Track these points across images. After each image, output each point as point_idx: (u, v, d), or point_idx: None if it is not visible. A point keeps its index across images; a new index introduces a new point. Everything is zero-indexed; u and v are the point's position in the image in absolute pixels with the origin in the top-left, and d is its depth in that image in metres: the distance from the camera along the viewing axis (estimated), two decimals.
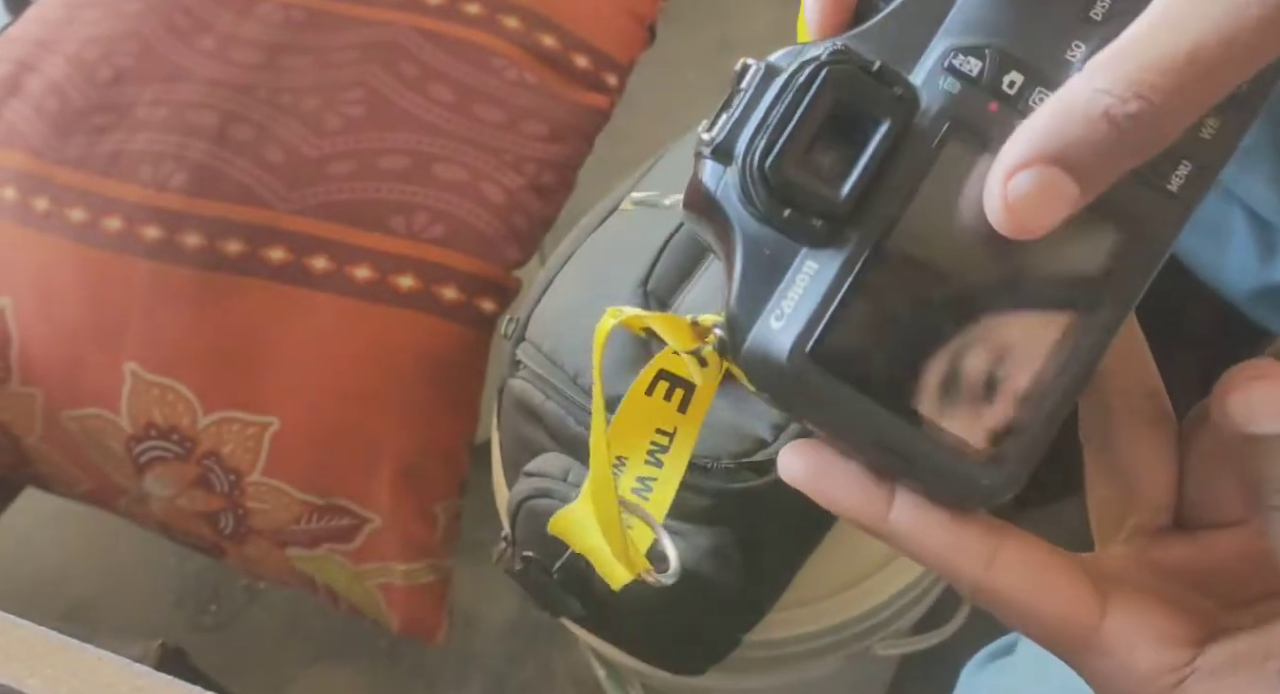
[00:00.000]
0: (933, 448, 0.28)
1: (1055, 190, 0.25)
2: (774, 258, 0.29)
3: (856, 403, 0.28)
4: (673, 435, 0.36)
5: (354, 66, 0.88)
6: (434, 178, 0.84)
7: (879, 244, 0.28)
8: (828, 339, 0.28)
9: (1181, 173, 0.28)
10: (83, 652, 0.44)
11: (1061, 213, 0.25)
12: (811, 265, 0.28)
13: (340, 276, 0.81)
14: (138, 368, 0.82)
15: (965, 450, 0.28)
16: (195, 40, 0.90)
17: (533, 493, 0.72)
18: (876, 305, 0.28)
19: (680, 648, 0.74)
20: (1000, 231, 0.25)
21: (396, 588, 0.85)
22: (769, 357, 0.28)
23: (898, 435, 0.28)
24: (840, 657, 0.78)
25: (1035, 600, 0.30)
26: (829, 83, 0.27)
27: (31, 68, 0.91)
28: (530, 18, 0.93)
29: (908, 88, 0.28)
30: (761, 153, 0.28)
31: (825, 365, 0.28)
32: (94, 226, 0.84)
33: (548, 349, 0.72)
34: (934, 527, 0.29)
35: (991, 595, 0.30)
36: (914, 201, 0.28)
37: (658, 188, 0.78)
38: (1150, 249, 0.29)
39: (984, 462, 0.28)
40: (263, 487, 0.82)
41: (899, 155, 0.28)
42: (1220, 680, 0.29)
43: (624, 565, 0.36)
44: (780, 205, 0.28)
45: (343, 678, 1.12)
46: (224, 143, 0.84)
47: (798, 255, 0.28)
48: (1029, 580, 0.30)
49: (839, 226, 0.28)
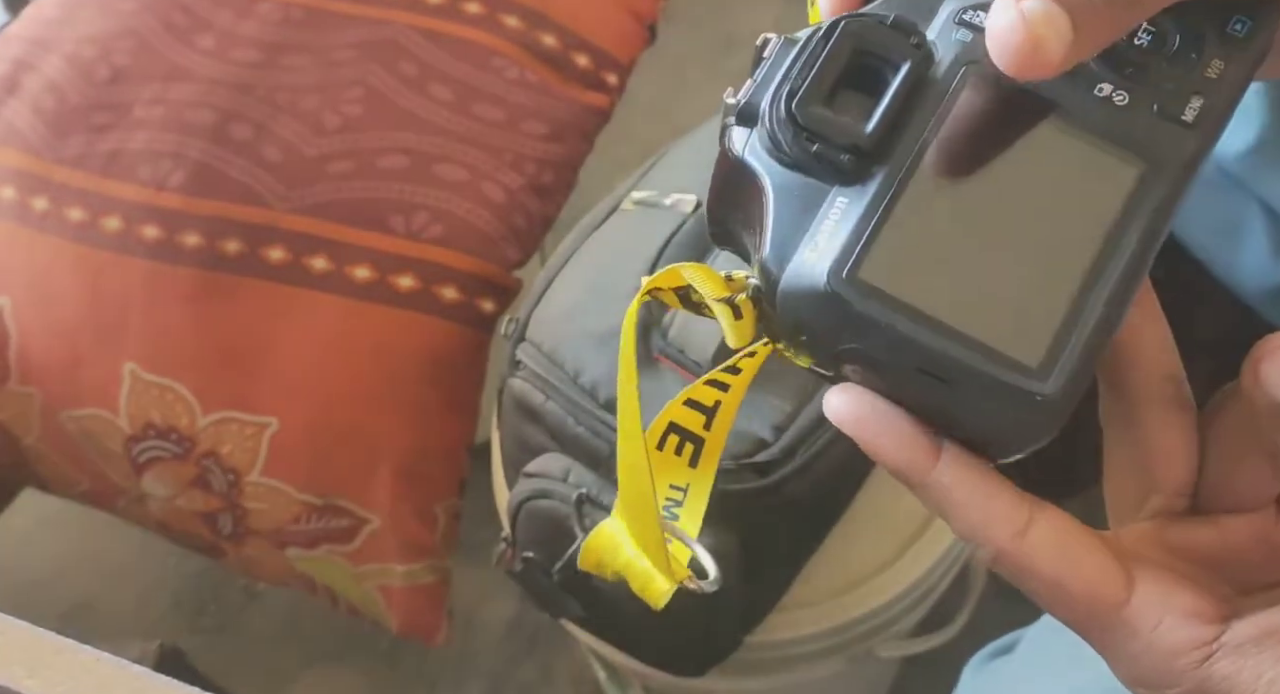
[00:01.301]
0: (980, 361, 0.27)
1: (1054, 25, 0.26)
2: (804, 201, 0.29)
3: (897, 323, 0.27)
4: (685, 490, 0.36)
5: (353, 65, 0.88)
6: (434, 177, 0.84)
7: (908, 172, 0.28)
8: (865, 261, 0.28)
9: (1195, 105, 0.29)
10: (81, 652, 0.44)
11: (1057, 52, 0.26)
12: (842, 201, 0.28)
13: (340, 276, 0.81)
14: (136, 368, 0.82)
15: (1013, 363, 0.27)
16: (194, 39, 0.90)
17: (533, 493, 0.72)
18: (910, 228, 0.28)
19: (681, 649, 0.74)
20: (1001, 65, 0.27)
21: (396, 589, 0.84)
22: (807, 285, 0.28)
23: (943, 353, 0.27)
24: (842, 658, 0.78)
25: (1063, 573, 0.29)
26: (847, 32, 0.29)
27: (30, 66, 0.91)
28: (530, 17, 0.92)
29: (923, 38, 0.29)
30: (786, 97, 0.29)
31: (864, 287, 0.28)
32: (93, 226, 0.83)
33: (548, 349, 0.72)
34: (975, 485, 0.29)
35: (1019, 565, 0.29)
36: (938, 135, 0.28)
37: (658, 187, 0.78)
38: (1174, 178, 0.29)
39: (1034, 371, 0.27)
40: (261, 487, 0.82)
41: (919, 97, 0.29)
42: (1247, 657, 0.29)
43: (665, 576, 0.35)
44: (808, 142, 0.28)
45: (342, 679, 1.12)
46: (223, 142, 0.84)
47: (827, 195, 0.29)
48: (1058, 553, 0.29)
49: (866, 163, 0.28)
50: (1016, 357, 0.27)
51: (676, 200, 0.76)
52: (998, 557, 0.30)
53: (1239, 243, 0.66)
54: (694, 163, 0.79)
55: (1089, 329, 0.28)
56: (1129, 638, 0.30)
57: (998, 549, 0.29)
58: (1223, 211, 0.66)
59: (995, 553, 0.29)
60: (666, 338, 0.70)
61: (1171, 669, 0.29)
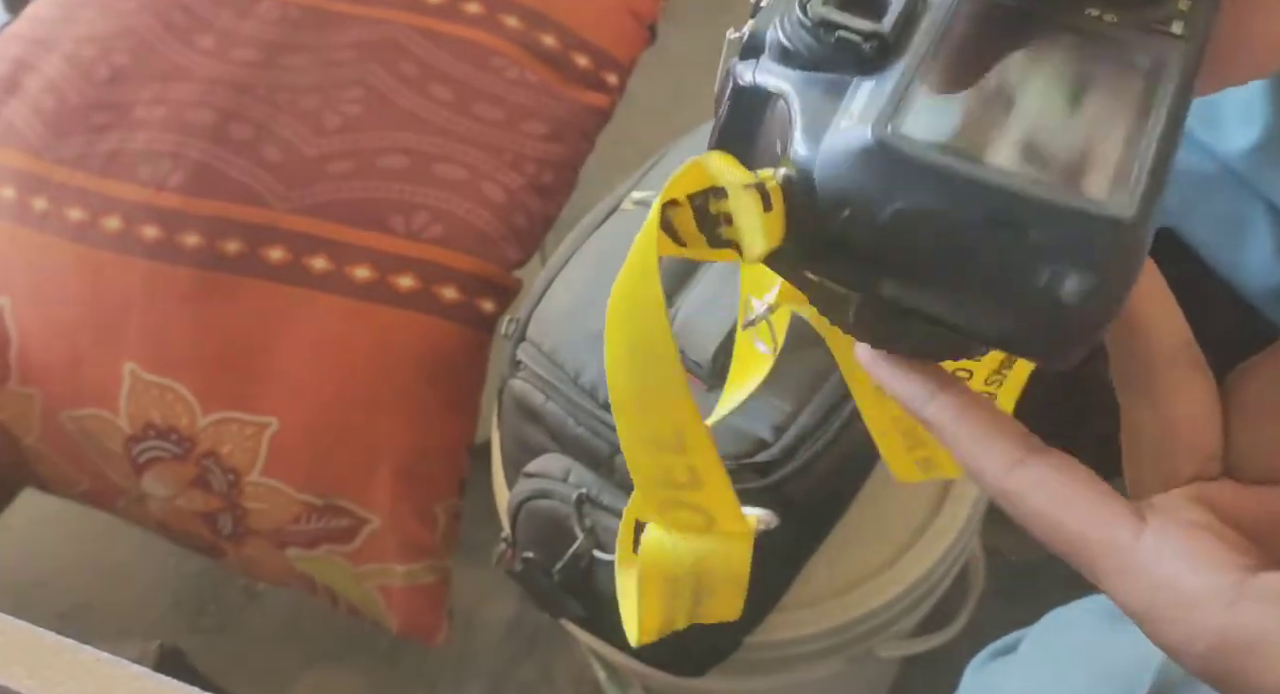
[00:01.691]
0: (1054, 192, 0.25)
1: None
2: (828, 91, 0.28)
3: (957, 166, 0.25)
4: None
5: (353, 65, 0.88)
6: (434, 177, 0.84)
7: (931, 52, 0.28)
8: (908, 116, 0.26)
9: (1178, 25, 0.29)
10: (80, 652, 0.44)
11: None
12: (868, 83, 0.27)
13: (340, 276, 0.81)
14: (136, 368, 0.82)
15: (1086, 194, 0.26)
16: (194, 39, 0.90)
17: (533, 493, 0.72)
18: (947, 93, 0.27)
19: (681, 649, 0.74)
20: None
21: (396, 589, 0.84)
22: (850, 146, 0.26)
23: (1015, 191, 0.25)
24: (842, 658, 0.78)
25: (1059, 509, 0.29)
26: None
27: (30, 66, 0.91)
28: (530, 17, 0.92)
29: None
30: (799, 5, 0.28)
31: (912, 138, 0.26)
32: (93, 226, 0.83)
33: (548, 349, 0.72)
34: (976, 417, 0.29)
35: (1016, 499, 0.29)
36: (952, 28, 0.28)
37: (658, 187, 0.78)
38: (1182, 64, 0.29)
39: (1108, 201, 0.25)
40: (261, 487, 0.82)
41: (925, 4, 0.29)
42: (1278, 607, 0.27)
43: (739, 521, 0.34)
44: (827, 32, 0.28)
45: (342, 679, 1.12)
46: (223, 142, 0.84)
47: (851, 82, 0.28)
48: (1056, 488, 0.29)
49: (886, 51, 0.28)
50: (1086, 188, 0.26)
51: None
52: (997, 491, 0.29)
53: (1244, 242, 0.66)
54: None
55: (1149, 158, 0.26)
56: (1137, 582, 0.28)
57: (994, 483, 0.29)
58: (1227, 210, 0.66)
59: (993, 487, 0.29)
60: None
61: (1190, 621, 0.27)
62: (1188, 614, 0.27)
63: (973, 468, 0.30)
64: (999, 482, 0.29)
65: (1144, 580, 0.28)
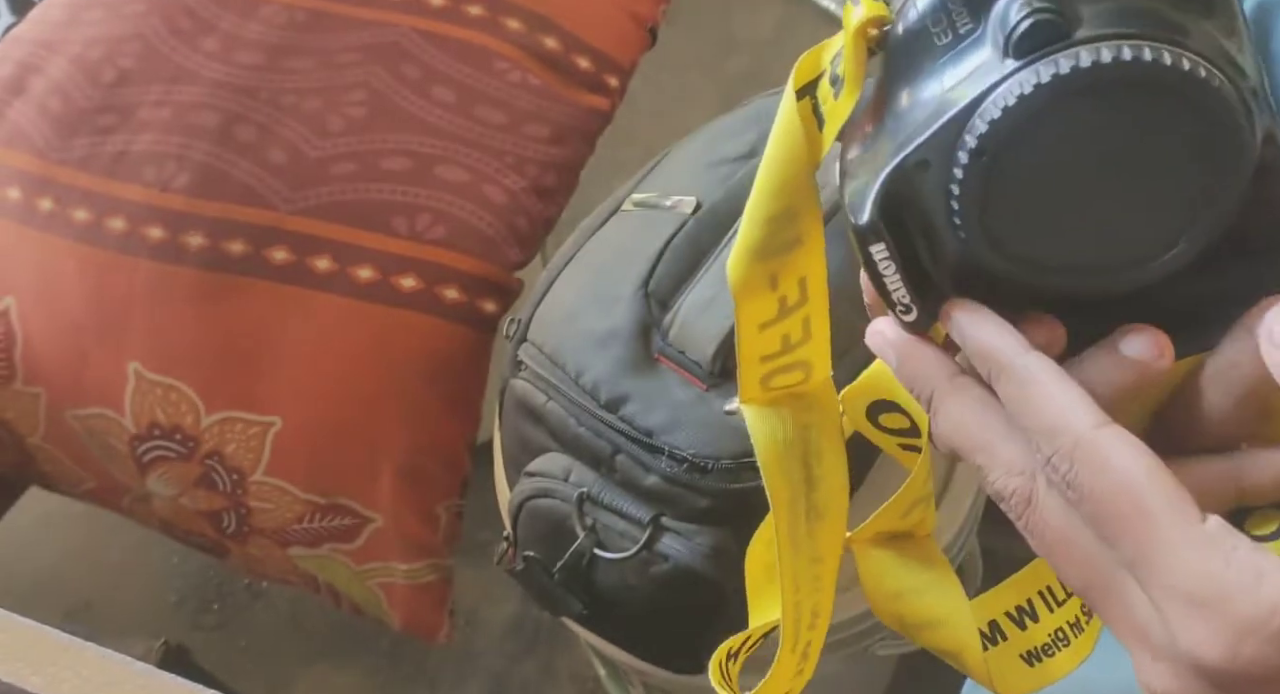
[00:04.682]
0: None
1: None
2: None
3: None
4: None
5: (356, 68, 0.88)
6: (436, 179, 0.84)
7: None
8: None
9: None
10: (85, 650, 0.44)
11: None
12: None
13: (342, 277, 0.81)
14: (141, 367, 0.82)
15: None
16: (198, 41, 0.90)
17: (534, 493, 0.72)
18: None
19: (680, 647, 0.74)
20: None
21: (398, 587, 0.85)
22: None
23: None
24: (839, 656, 0.78)
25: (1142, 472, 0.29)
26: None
27: (35, 68, 0.92)
28: (532, 19, 0.93)
29: None
30: None
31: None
32: (97, 227, 0.84)
33: (549, 350, 0.73)
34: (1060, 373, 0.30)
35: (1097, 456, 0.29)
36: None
37: (659, 189, 0.79)
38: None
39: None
40: (265, 486, 0.82)
41: None
42: None
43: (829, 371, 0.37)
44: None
45: (344, 677, 1.12)
46: (227, 143, 0.85)
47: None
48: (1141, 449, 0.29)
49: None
50: None
51: (677, 202, 0.76)
52: (1076, 444, 0.29)
53: None
54: (694, 165, 0.80)
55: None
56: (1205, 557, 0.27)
57: (1077, 437, 0.29)
58: None
59: (1074, 441, 0.29)
60: (666, 339, 0.70)
61: (1258, 600, 0.27)
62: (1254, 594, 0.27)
63: (1058, 419, 0.29)
64: (1090, 432, 0.29)
65: (1215, 561, 0.27)
